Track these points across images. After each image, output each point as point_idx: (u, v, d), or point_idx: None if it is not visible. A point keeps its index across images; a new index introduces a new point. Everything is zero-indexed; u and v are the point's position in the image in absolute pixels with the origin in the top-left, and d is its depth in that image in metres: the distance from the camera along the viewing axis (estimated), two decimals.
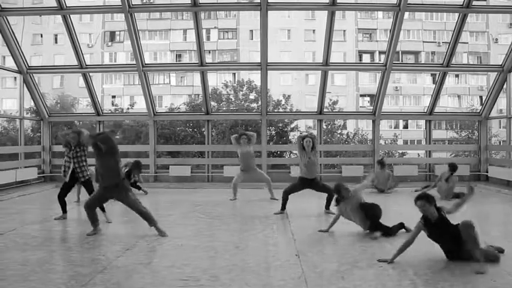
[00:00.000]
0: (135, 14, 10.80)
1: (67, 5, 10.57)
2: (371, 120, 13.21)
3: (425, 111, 13.40)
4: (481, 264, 4.63)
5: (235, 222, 7.40)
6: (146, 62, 12.01)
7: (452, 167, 9.64)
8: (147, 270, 4.76)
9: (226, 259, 5.16)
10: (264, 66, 11.48)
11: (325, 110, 20.86)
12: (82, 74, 12.23)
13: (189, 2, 10.46)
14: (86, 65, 12.11)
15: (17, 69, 11.82)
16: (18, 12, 11.76)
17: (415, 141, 30.33)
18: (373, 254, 5.23)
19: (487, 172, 12.62)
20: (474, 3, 10.60)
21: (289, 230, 6.66)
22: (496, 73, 12.11)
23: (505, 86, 12.04)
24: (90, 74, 12.63)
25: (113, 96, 32.69)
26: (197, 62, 11.92)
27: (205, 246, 5.76)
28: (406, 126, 33.54)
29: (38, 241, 6.06)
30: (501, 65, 11.91)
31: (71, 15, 11.12)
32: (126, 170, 9.49)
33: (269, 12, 10.36)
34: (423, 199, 5.11)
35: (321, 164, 13.09)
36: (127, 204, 6.30)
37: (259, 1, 10.34)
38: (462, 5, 10.63)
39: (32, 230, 6.72)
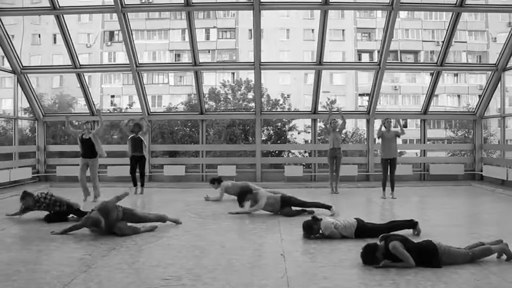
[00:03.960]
0: (128, 14, 10.82)
1: (60, 5, 10.58)
2: (366, 120, 13.18)
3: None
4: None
5: (225, 221, 7.39)
6: (145, 62, 12.05)
7: None
8: (131, 269, 4.77)
9: (211, 259, 5.17)
10: (257, 65, 11.49)
11: (322, 109, 21.14)
12: (76, 74, 12.23)
13: (182, 2, 10.47)
14: (80, 65, 12.11)
15: (11, 69, 11.83)
16: (11, 12, 11.73)
17: (414, 141, 30.25)
18: (359, 253, 5.18)
19: (481, 171, 12.60)
20: (468, 1, 10.58)
21: (278, 229, 6.66)
22: (491, 72, 12.09)
23: (499, 85, 12.02)
24: (90, 74, 12.64)
25: (112, 96, 32.68)
26: (191, 61, 11.91)
27: (192, 245, 5.77)
28: (405, 126, 33.41)
29: (27, 241, 6.09)
30: (495, 64, 11.90)
31: (67, 15, 11.15)
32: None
33: (268, 11, 10.40)
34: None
35: (315, 164, 13.10)
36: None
37: (252, 0, 10.35)
38: (455, 3, 10.62)
39: (21, 230, 6.76)
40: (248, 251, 5.51)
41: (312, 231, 6.00)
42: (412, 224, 6.12)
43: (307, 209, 7.75)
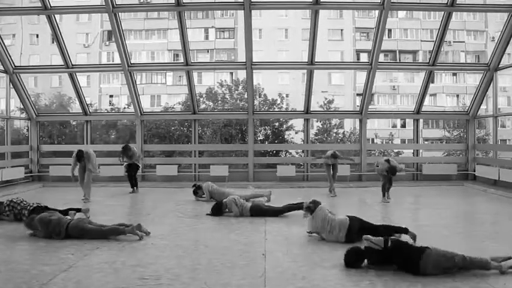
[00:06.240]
0: (119, 13, 10.83)
1: (51, 5, 10.58)
2: (358, 120, 13.16)
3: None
4: None
5: (212, 221, 7.41)
6: (143, 62, 12.08)
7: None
8: (111, 269, 4.77)
9: (193, 258, 5.18)
10: (248, 65, 11.48)
11: (319, 109, 21.09)
12: (68, 73, 12.24)
13: (173, 2, 10.48)
14: (73, 65, 12.12)
15: (3, 69, 11.84)
16: (3, 12, 11.73)
17: (412, 141, 30.14)
18: (341, 254, 5.12)
19: (474, 171, 12.58)
20: (459, 1, 10.57)
21: (263, 229, 6.65)
22: (483, 72, 12.05)
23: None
24: (87, 74, 12.68)
25: (111, 96, 32.74)
26: (183, 61, 11.92)
27: (176, 245, 5.78)
28: (404, 125, 33.39)
29: (13, 240, 6.08)
30: (487, 63, 11.87)
31: (62, 15, 11.15)
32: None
33: (265, 11, 10.41)
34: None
35: (306, 164, 13.09)
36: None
37: (242, 0, 10.35)
38: (447, 3, 10.60)
39: (9, 230, 6.74)
40: (231, 250, 5.50)
41: (309, 209, 6.09)
42: (403, 231, 5.87)
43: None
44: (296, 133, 21.83)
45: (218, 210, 7.79)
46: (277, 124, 21.01)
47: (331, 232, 5.86)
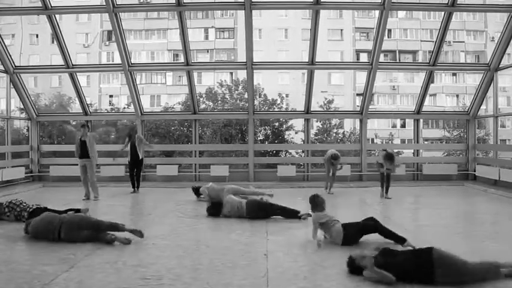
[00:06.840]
0: (120, 14, 10.82)
1: (52, 5, 10.58)
2: (359, 120, 13.16)
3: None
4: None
5: (212, 221, 7.40)
6: (143, 62, 12.07)
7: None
8: (112, 269, 4.77)
9: (194, 258, 5.18)
10: (249, 65, 11.48)
11: (319, 109, 21.11)
12: (69, 73, 12.24)
13: (173, 2, 10.49)
14: (73, 65, 12.12)
15: (3, 69, 11.84)
16: (3, 11, 11.73)
17: (412, 141, 30.14)
18: (341, 254, 5.11)
19: (474, 171, 12.59)
20: (460, 1, 10.58)
21: (264, 230, 6.65)
22: (483, 72, 12.07)
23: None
24: (87, 74, 12.66)
25: (111, 96, 32.77)
26: (183, 61, 11.92)
27: (177, 245, 5.78)
28: (403, 125, 33.42)
29: (13, 240, 6.07)
30: (488, 63, 11.89)
31: (62, 15, 11.15)
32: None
33: (265, 11, 10.41)
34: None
35: (307, 164, 13.10)
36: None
37: (243, 0, 10.35)
38: (447, 3, 10.62)
39: (9, 230, 6.73)
40: (232, 250, 5.50)
41: (317, 203, 6.07)
42: (400, 241, 5.61)
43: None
44: (296, 133, 21.85)
45: (215, 210, 7.73)
46: (277, 124, 21.03)
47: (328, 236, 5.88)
